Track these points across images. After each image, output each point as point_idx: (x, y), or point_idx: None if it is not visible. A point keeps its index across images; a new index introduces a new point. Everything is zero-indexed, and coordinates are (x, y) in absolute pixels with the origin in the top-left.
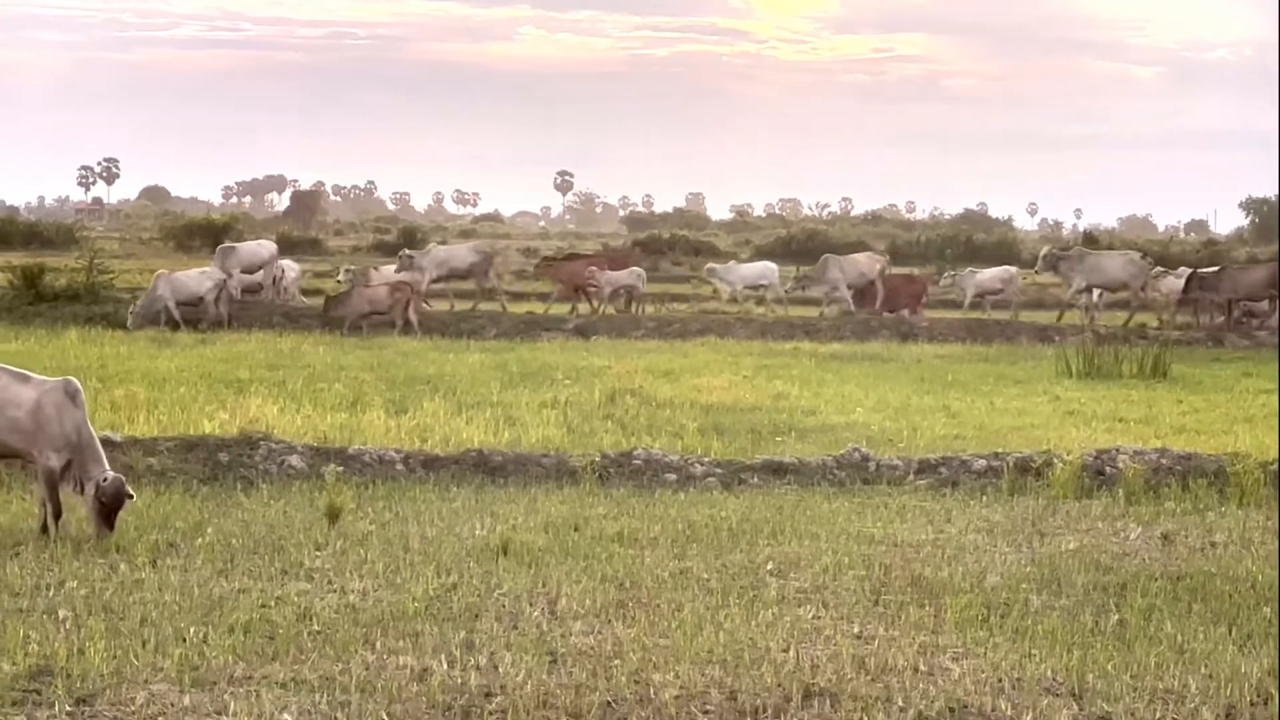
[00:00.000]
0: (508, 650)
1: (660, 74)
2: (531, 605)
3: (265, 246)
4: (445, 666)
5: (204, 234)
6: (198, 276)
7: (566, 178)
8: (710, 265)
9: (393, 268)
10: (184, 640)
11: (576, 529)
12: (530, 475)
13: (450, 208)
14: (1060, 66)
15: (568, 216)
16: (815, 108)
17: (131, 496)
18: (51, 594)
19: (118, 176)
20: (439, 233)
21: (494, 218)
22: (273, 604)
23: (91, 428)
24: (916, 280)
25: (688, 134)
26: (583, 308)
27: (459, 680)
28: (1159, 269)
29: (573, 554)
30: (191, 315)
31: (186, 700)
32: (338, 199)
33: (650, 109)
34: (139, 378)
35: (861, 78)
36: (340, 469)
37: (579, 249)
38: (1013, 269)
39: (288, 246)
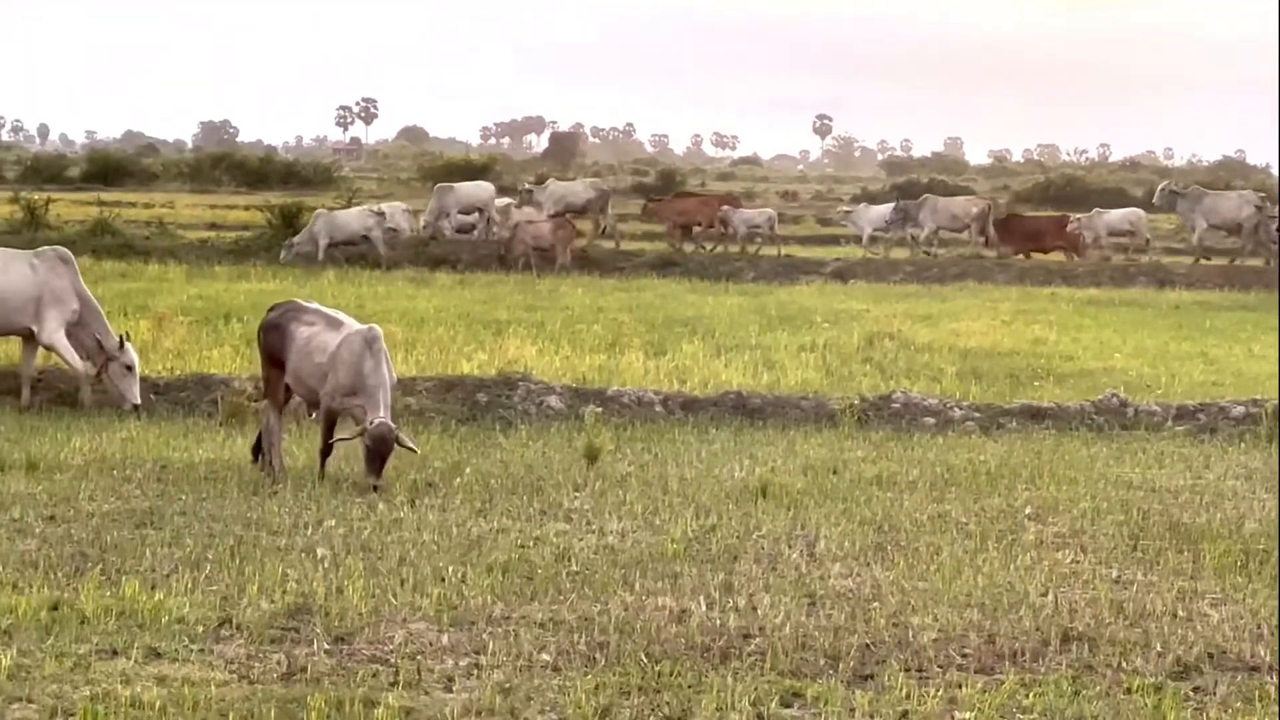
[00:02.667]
0: (766, 592)
1: (922, 18)
2: (790, 547)
3: (483, 187)
4: (704, 608)
5: (462, 174)
6: (358, 215)
7: (825, 121)
8: (844, 208)
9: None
10: (442, 580)
11: (835, 472)
12: (789, 418)
13: (709, 150)
14: None
15: (826, 160)
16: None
17: (411, 448)
18: (310, 533)
19: (376, 116)
20: (697, 175)
21: (752, 161)
22: (531, 544)
23: (384, 375)
24: (1067, 221)
25: (948, 78)
26: (686, 247)
27: (717, 622)
28: None
29: (831, 496)
30: (352, 254)
31: (445, 639)
32: (596, 141)
33: (910, 53)
34: (397, 317)
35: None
36: (599, 410)
37: (835, 193)
38: (1139, 211)
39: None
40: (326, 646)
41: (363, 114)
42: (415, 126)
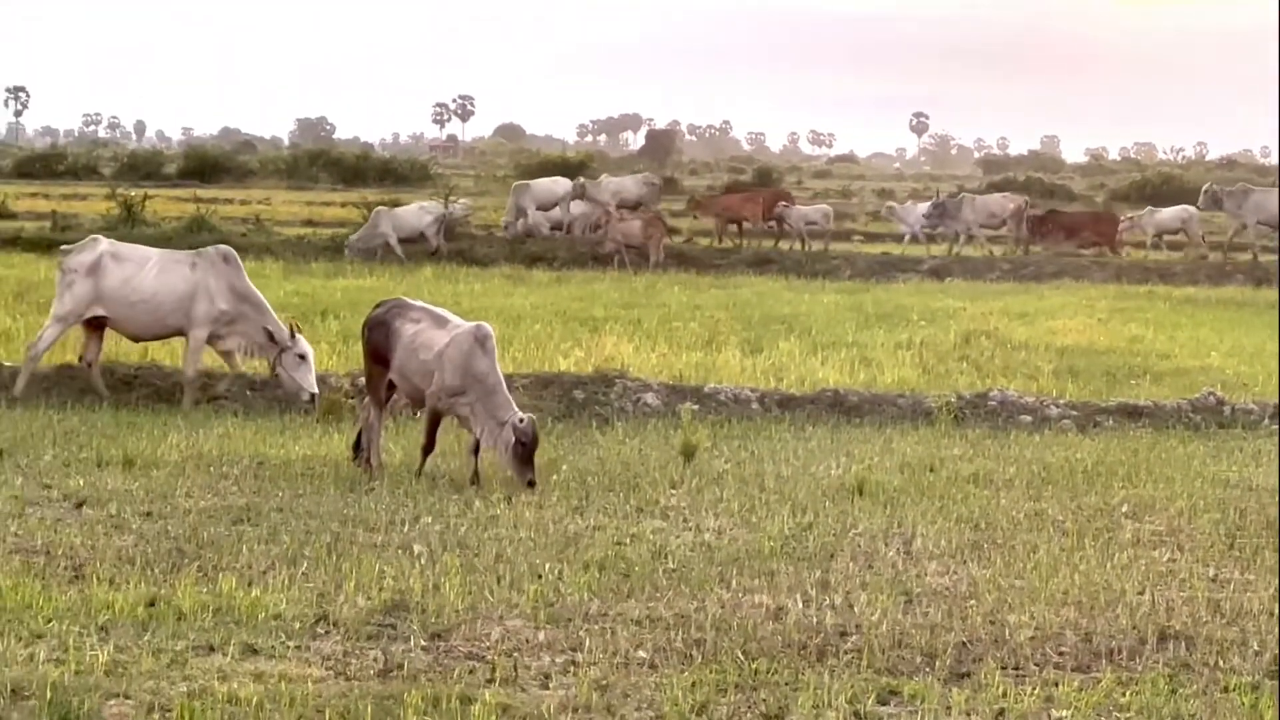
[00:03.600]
0: (863, 590)
1: (1018, 16)
2: (887, 545)
3: (560, 184)
4: (800, 605)
5: (558, 172)
6: (417, 211)
7: (922, 119)
8: (890, 204)
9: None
10: (539, 577)
11: (932, 469)
12: (885, 415)
13: (805, 148)
14: None
15: (922, 158)
16: (1174, 50)
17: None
18: (407, 529)
19: (473, 113)
20: (794, 173)
21: (849, 158)
22: (628, 541)
23: (499, 373)
24: (1105, 217)
25: (1044, 76)
26: (728, 242)
27: (814, 619)
28: None
29: (928, 494)
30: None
31: (541, 636)
32: (693, 138)
33: (1008, 51)
34: (494, 315)
35: (1221, 20)
36: (696, 407)
37: (930, 190)
38: (1191, 208)
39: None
40: (423, 643)
41: (459, 111)
42: (512, 124)
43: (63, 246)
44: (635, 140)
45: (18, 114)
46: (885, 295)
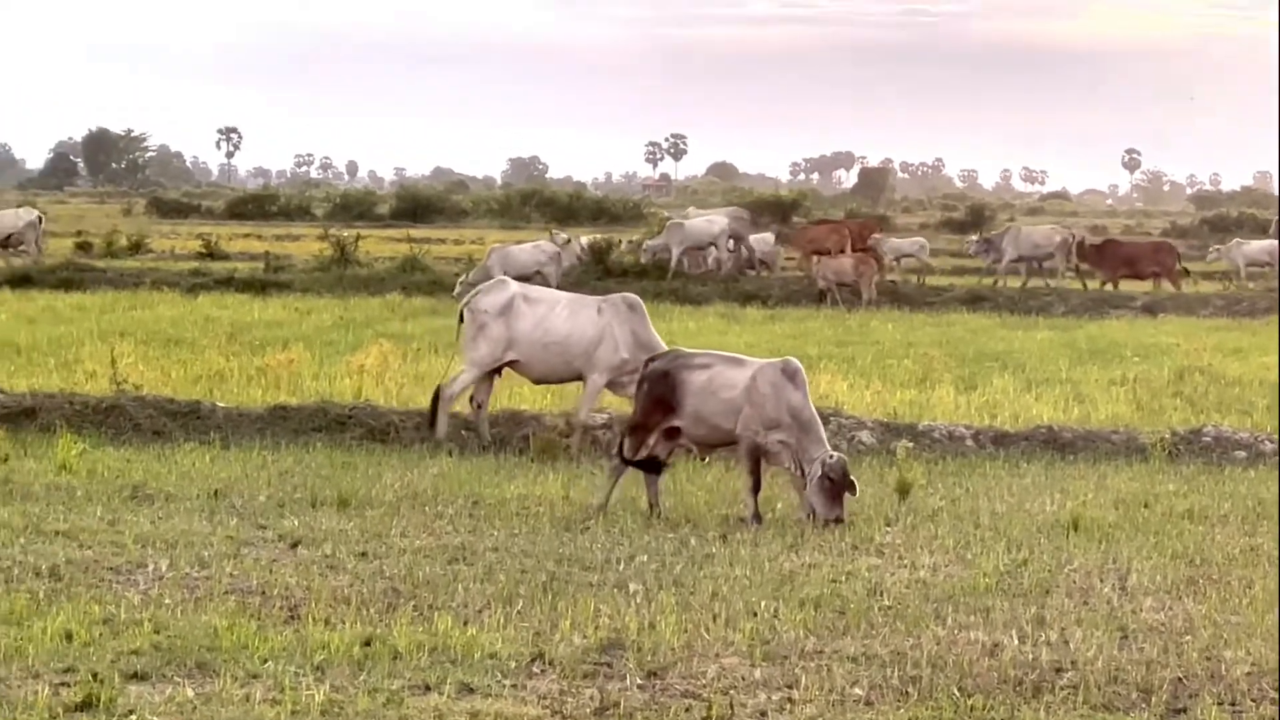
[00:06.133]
0: (1078, 626)
1: (1230, 52)
2: (1102, 581)
3: (715, 222)
4: (1016, 641)
5: (771, 210)
6: (530, 250)
7: (1134, 156)
8: (972, 237)
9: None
10: (755, 614)
11: (1146, 505)
12: (1099, 452)
13: (1018, 185)
14: None
15: (1135, 195)
16: None
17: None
18: (622, 568)
19: (685, 152)
20: (1006, 210)
21: (1061, 195)
22: (843, 579)
23: (812, 408)
24: (1165, 247)
25: (1257, 112)
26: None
27: (1030, 655)
28: None
29: (1143, 530)
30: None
31: (757, 674)
32: (905, 176)
33: (1220, 87)
34: None
35: None
36: (910, 445)
37: (1144, 227)
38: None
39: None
40: (639, 681)
41: (672, 150)
42: (724, 162)
43: (460, 280)
44: (848, 178)
45: (230, 155)
46: (1098, 331)
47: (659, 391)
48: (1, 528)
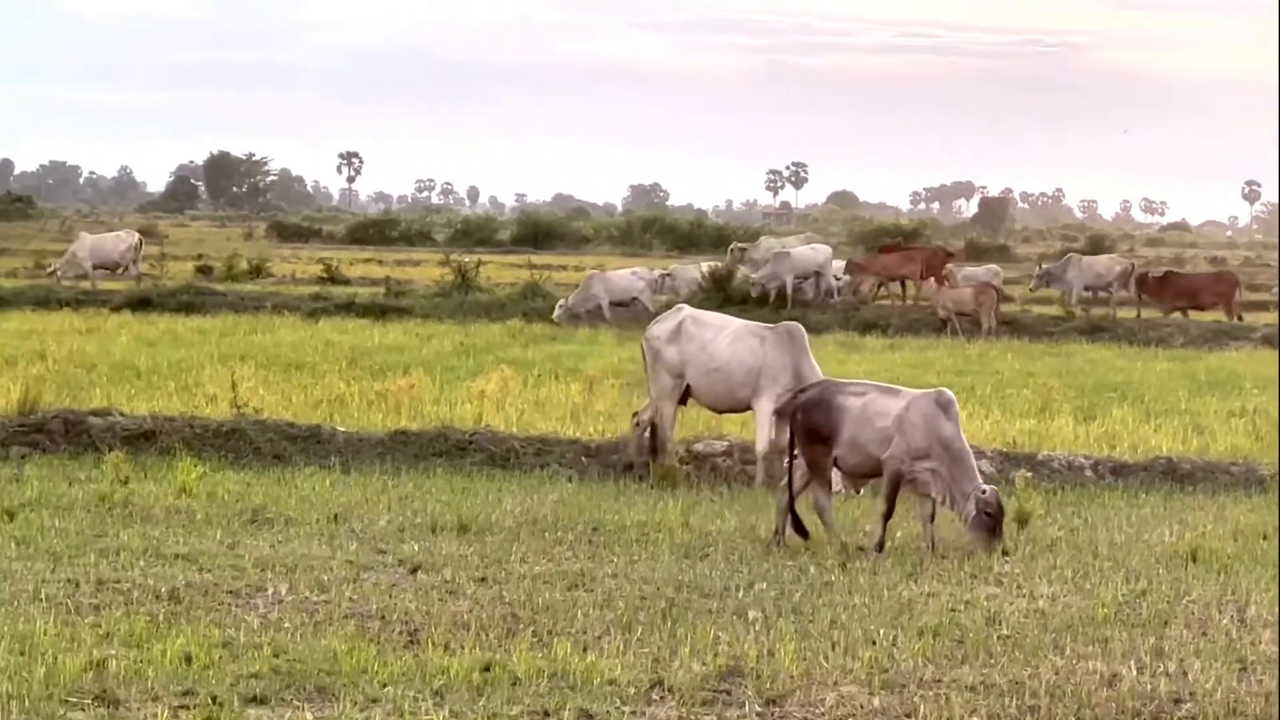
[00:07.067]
0: (1197, 657)
1: None
2: (1220, 612)
3: (820, 251)
4: (1134, 672)
5: (890, 238)
6: (629, 276)
7: (1254, 187)
8: (1042, 269)
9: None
10: (873, 643)
11: (1265, 537)
12: (1218, 483)
13: (1138, 216)
14: None
15: (1254, 226)
16: None
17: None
18: (741, 595)
19: (806, 181)
20: (1126, 241)
21: (1180, 226)
22: (962, 608)
23: (964, 439)
24: (1226, 278)
25: None
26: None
27: (1148, 686)
28: None
29: (1262, 562)
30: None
31: (875, 702)
32: (1025, 206)
33: None
34: None
35: None
36: (1029, 474)
37: (1263, 259)
38: None
39: (975, 253)
40: (758, 709)
41: (793, 178)
42: (845, 191)
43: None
44: (968, 208)
45: (351, 180)
46: (1218, 363)
47: (815, 419)
48: (121, 550)
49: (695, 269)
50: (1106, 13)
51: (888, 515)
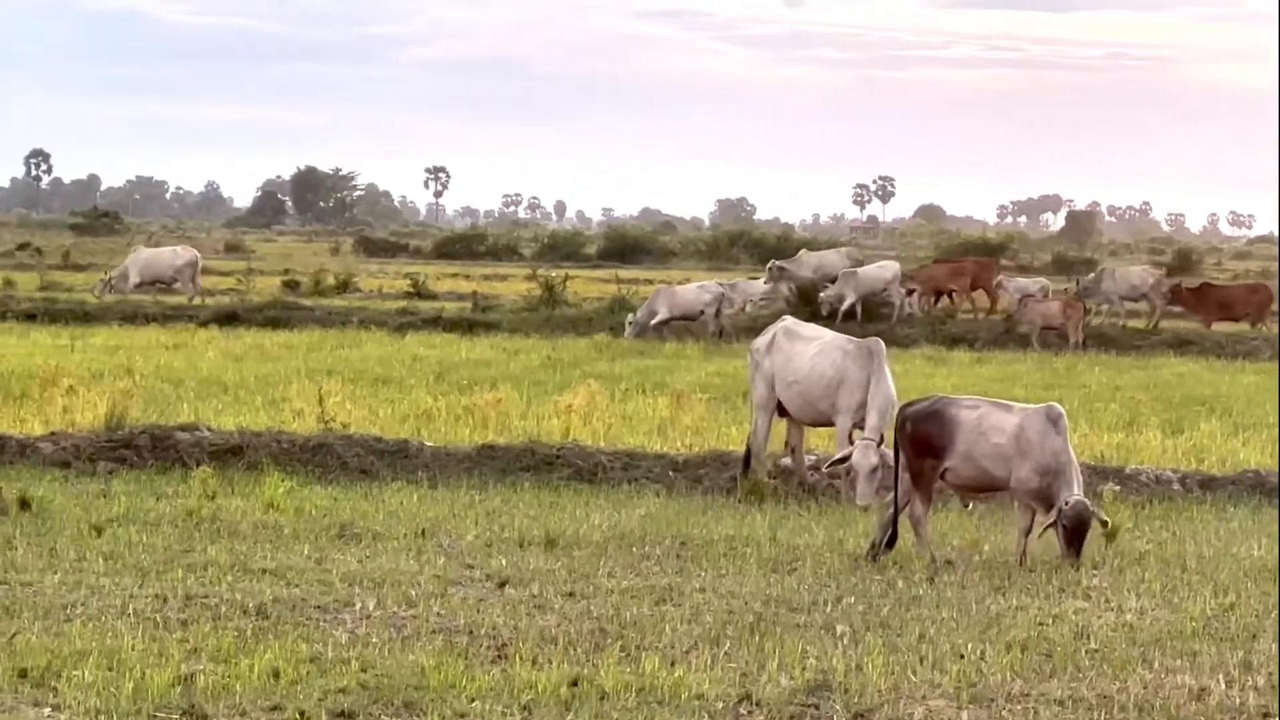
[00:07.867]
0: None
1: None
2: None
3: (887, 268)
4: (1223, 686)
5: (979, 253)
6: (695, 291)
7: None
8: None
9: (761, 281)
10: (961, 657)
11: None
12: None
13: (1225, 229)
14: None
15: None
16: None
17: (1105, 522)
18: (829, 609)
19: (893, 194)
20: (1213, 254)
21: (1268, 239)
22: (1050, 621)
23: (1072, 453)
24: (1260, 289)
25: None
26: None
27: (1237, 700)
28: None
29: None
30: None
31: (964, 716)
32: (1112, 219)
33: None
34: (914, 395)
35: None
36: (1117, 488)
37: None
38: None
39: (1063, 266)
40: None
41: (880, 192)
42: (932, 205)
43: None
44: (1055, 221)
45: (438, 194)
46: None
47: (925, 432)
48: (209, 565)
49: (758, 283)
50: (1193, 26)
51: (1027, 530)
